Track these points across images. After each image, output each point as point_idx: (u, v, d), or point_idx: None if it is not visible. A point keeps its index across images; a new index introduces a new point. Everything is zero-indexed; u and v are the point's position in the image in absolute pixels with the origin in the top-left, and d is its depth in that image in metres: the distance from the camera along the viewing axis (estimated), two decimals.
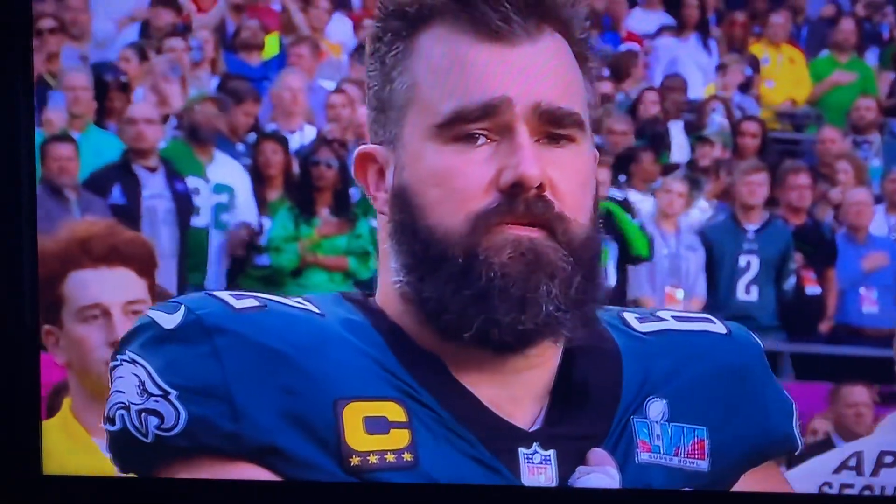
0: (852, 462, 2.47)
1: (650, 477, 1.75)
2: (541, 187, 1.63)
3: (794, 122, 8.50)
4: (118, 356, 1.69)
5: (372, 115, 1.72)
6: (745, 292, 6.94)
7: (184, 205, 6.58)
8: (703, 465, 1.78)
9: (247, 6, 7.90)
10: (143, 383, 1.66)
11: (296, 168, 6.90)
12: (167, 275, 6.22)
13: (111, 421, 1.68)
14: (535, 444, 1.70)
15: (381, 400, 1.67)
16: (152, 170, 6.50)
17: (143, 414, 1.66)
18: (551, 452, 1.71)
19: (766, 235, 6.98)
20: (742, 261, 6.97)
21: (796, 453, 1.90)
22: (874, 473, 2.46)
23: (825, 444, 5.92)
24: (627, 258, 6.93)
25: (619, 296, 6.85)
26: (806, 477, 2.51)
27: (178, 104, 6.98)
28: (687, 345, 1.82)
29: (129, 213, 6.22)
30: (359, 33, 8.09)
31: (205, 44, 7.41)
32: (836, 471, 2.48)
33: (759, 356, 1.86)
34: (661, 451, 1.76)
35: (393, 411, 1.67)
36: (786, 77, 8.42)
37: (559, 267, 1.65)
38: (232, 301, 1.69)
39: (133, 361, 1.67)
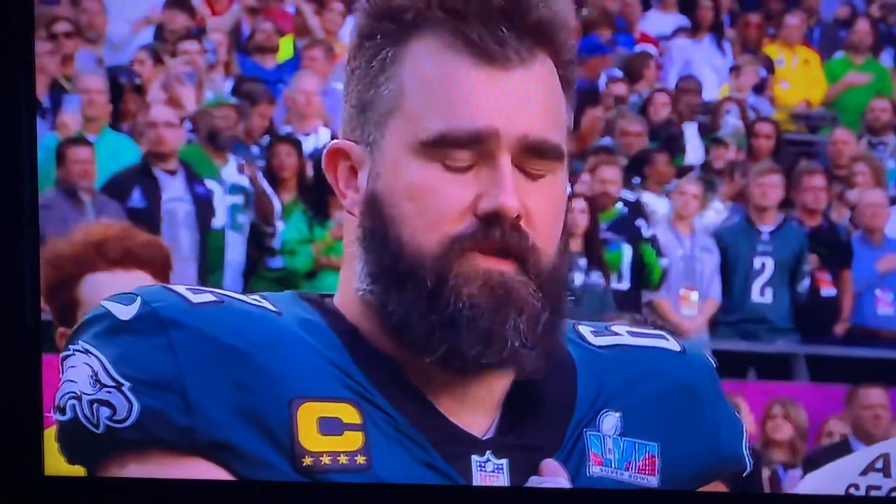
0: (879, 464, 2.47)
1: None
2: (517, 217, 1.62)
3: (809, 123, 8.49)
4: (70, 346, 1.68)
5: (351, 111, 1.69)
6: (760, 294, 6.93)
7: (203, 208, 6.59)
8: (654, 481, 1.78)
9: (262, 8, 7.91)
10: (95, 374, 1.65)
11: (310, 171, 6.90)
12: (188, 277, 6.24)
13: (61, 410, 1.67)
14: (488, 452, 1.69)
15: (336, 401, 1.66)
16: (172, 173, 6.52)
17: (95, 404, 1.64)
18: (504, 461, 1.70)
19: (781, 237, 6.97)
20: (757, 262, 6.96)
21: (744, 475, 1.90)
22: None
23: (842, 446, 5.91)
24: (641, 277, 6.94)
25: (634, 298, 6.84)
26: (832, 479, 2.51)
27: (193, 108, 6.99)
28: (641, 360, 1.81)
29: (148, 217, 6.23)
30: None
31: (219, 46, 7.42)
32: (863, 472, 2.48)
33: (711, 376, 1.86)
34: (613, 465, 1.75)
35: (347, 413, 1.66)
36: (800, 78, 8.41)
37: (528, 303, 1.64)
38: (189, 295, 1.68)
39: (86, 352, 1.65)
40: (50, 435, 1.78)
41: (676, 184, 7.31)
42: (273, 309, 1.70)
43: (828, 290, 6.97)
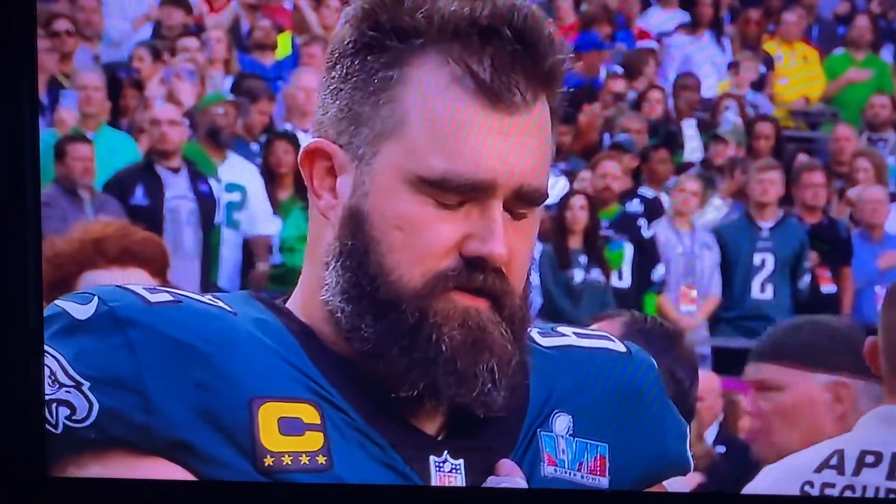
0: (834, 461, 2.46)
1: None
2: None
3: (809, 119, 8.49)
4: None
5: (338, 115, 1.66)
6: (760, 290, 6.93)
7: (207, 205, 6.59)
8: (604, 481, 1.78)
9: (260, 5, 7.91)
10: (54, 374, 1.63)
11: None
12: (191, 275, 6.24)
13: None
14: (445, 452, 1.69)
15: (297, 401, 1.64)
16: (175, 171, 6.51)
17: (54, 404, 1.63)
18: (461, 461, 1.69)
19: (781, 233, 6.97)
20: (757, 259, 6.95)
21: (686, 476, 1.90)
22: (856, 473, 2.44)
23: None
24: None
25: (636, 294, 6.84)
26: (788, 474, 2.50)
27: (191, 103, 6.99)
28: (589, 361, 1.81)
29: (151, 214, 6.22)
30: None
31: (217, 43, 7.41)
32: (818, 469, 2.46)
33: (655, 377, 1.85)
34: (566, 466, 1.75)
35: (307, 413, 1.64)
36: (799, 75, 8.41)
37: (501, 345, 1.64)
38: (146, 295, 1.66)
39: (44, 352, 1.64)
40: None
41: (676, 181, 7.31)
42: (228, 309, 1.69)
43: (828, 287, 6.97)
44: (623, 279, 6.93)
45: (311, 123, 1.72)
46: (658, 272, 6.96)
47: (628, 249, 6.97)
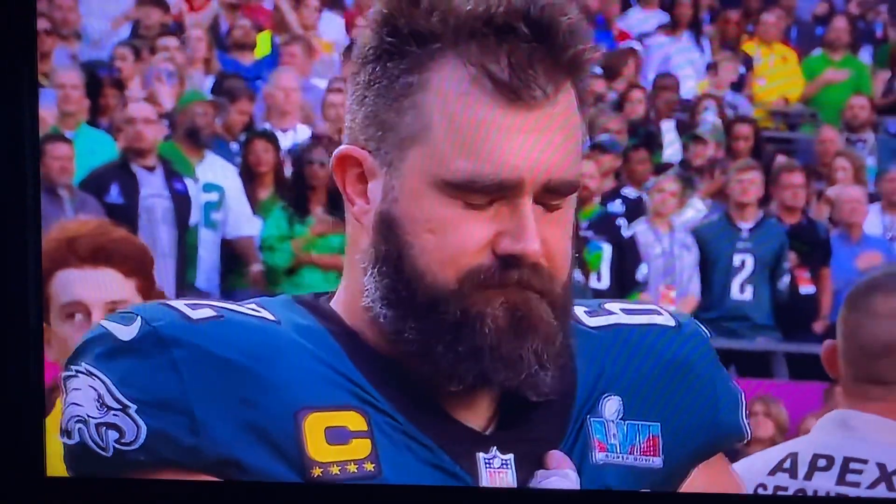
0: (787, 464, 2.46)
1: (606, 477, 1.73)
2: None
3: (788, 120, 8.51)
4: (72, 366, 1.65)
5: (365, 122, 1.66)
6: (740, 291, 6.94)
7: (182, 204, 6.57)
8: (657, 461, 1.77)
9: (240, 4, 7.89)
10: (100, 397, 1.62)
11: (288, 167, 6.89)
12: (166, 274, 6.22)
13: (68, 434, 1.65)
14: (493, 447, 1.68)
15: (342, 409, 1.64)
16: (150, 169, 6.49)
17: (103, 428, 1.62)
18: (510, 456, 1.69)
19: (761, 234, 6.98)
20: (736, 260, 6.96)
21: (744, 443, 1.89)
22: (807, 476, 2.44)
23: None
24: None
25: (616, 295, 6.84)
26: (743, 476, 2.51)
27: (172, 104, 6.97)
28: (637, 340, 1.80)
29: (126, 213, 6.20)
30: (351, 31, 8.08)
31: (197, 42, 7.40)
32: (772, 472, 2.46)
33: (706, 348, 1.84)
34: (617, 450, 1.74)
35: (353, 420, 1.64)
36: (778, 75, 8.43)
37: (545, 323, 1.63)
38: (188, 311, 1.65)
39: (89, 373, 1.63)
40: (52, 435, 1.76)
41: (654, 181, 7.31)
42: (271, 318, 1.68)
43: (807, 288, 6.99)
44: (602, 280, 6.93)
45: (343, 130, 1.71)
46: (637, 273, 6.97)
47: (607, 250, 6.97)
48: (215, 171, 6.82)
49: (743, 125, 7.69)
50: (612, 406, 1.74)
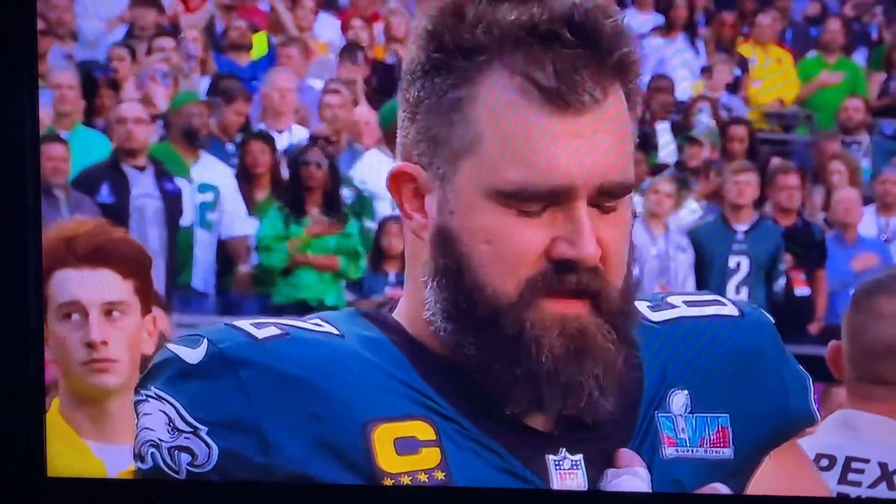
0: None
1: (677, 471, 1.73)
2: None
3: (783, 122, 8.52)
4: (142, 391, 1.67)
5: (417, 138, 1.67)
6: (735, 293, 6.94)
7: (172, 204, 6.57)
8: (728, 452, 1.77)
9: (235, 5, 7.89)
10: (171, 420, 1.64)
11: (284, 167, 6.89)
12: (155, 274, 6.20)
13: (141, 458, 1.66)
14: (562, 449, 1.68)
15: (409, 419, 1.65)
16: (141, 169, 6.49)
17: (175, 451, 1.64)
18: (579, 457, 1.69)
19: (756, 236, 6.99)
20: (732, 261, 6.97)
21: (815, 427, 1.89)
22: None
23: None
24: None
25: None
26: None
27: (166, 105, 6.97)
28: (701, 332, 1.80)
29: (117, 212, 6.20)
30: (346, 32, 8.08)
31: (193, 43, 7.40)
32: None
33: (772, 335, 1.85)
34: (687, 444, 1.74)
35: (421, 430, 1.65)
36: (773, 77, 8.44)
37: (604, 348, 1.64)
38: (253, 331, 1.67)
39: (159, 398, 1.64)
40: (52, 435, 1.76)
41: (650, 182, 7.32)
42: (335, 332, 1.69)
43: (802, 290, 6.99)
44: None
45: (396, 147, 1.72)
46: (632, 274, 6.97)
47: None
48: (211, 172, 6.83)
49: (738, 127, 7.70)
50: (679, 400, 1.75)
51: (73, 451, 2.61)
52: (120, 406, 2.62)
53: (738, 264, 6.96)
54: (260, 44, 7.82)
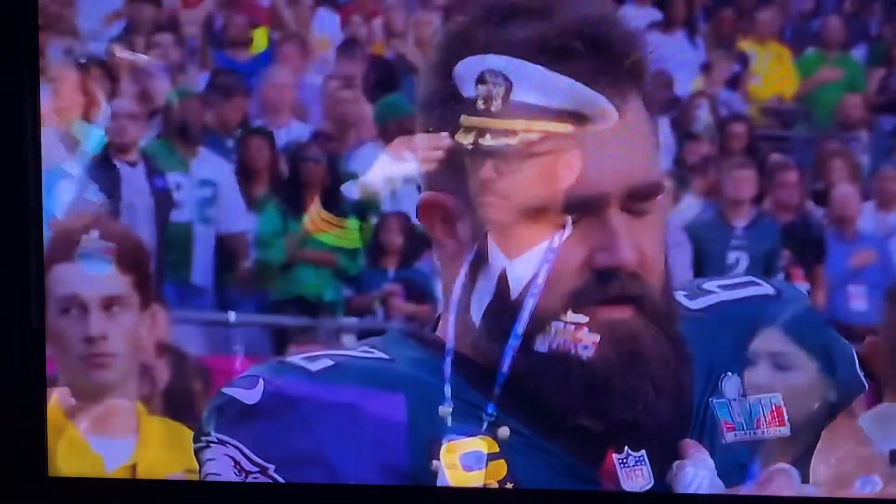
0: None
1: (738, 454, 1.75)
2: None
3: (782, 118, 8.50)
4: (202, 437, 1.68)
5: (441, 167, 1.69)
6: None
7: (163, 201, 6.56)
8: (785, 430, 1.79)
9: (233, 2, 7.88)
10: (237, 462, 1.65)
11: (283, 163, 6.88)
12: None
13: None
14: (624, 447, 1.70)
15: (472, 435, 1.66)
16: (132, 164, 6.48)
17: None
18: (642, 452, 1.70)
19: (755, 232, 6.98)
20: (730, 257, 6.96)
21: (863, 394, 1.91)
22: None
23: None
24: None
25: None
26: None
27: (163, 100, 6.96)
28: (743, 314, 1.82)
29: (108, 208, 6.19)
30: (346, 29, 8.07)
31: (192, 38, 7.39)
32: None
33: (809, 307, 1.86)
34: (744, 427, 1.76)
35: (485, 444, 1.67)
36: (773, 73, 8.43)
37: (654, 347, 1.65)
38: (307, 365, 1.68)
39: (222, 442, 1.65)
40: (51, 430, 1.76)
41: None
42: (385, 357, 1.70)
43: (801, 286, 6.98)
44: None
45: (421, 177, 1.74)
46: None
47: None
48: (209, 167, 6.81)
49: (737, 123, 7.69)
50: (731, 385, 1.77)
51: (72, 446, 2.61)
52: (118, 400, 2.62)
53: (737, 260, 6.96)
54: (260, 39, 7.81)
